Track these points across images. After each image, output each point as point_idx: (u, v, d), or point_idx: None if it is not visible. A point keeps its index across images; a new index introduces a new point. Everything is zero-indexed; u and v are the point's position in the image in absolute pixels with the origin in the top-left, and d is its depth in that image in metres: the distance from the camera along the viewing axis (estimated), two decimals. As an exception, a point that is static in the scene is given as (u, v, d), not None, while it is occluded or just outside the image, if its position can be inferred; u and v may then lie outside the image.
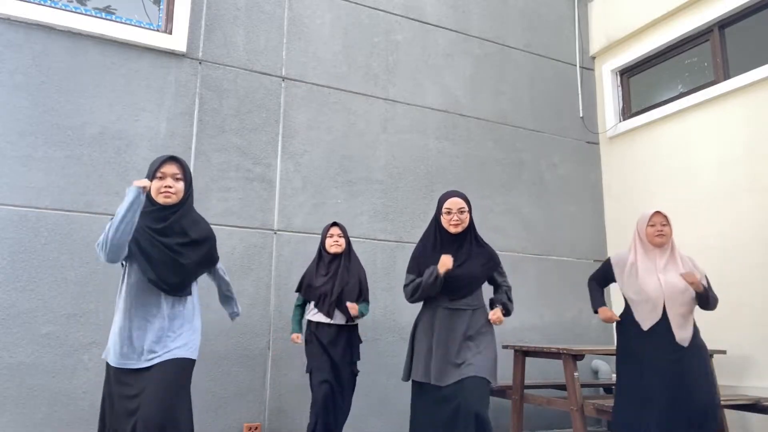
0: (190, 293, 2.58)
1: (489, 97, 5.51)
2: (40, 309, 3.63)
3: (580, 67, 6.05)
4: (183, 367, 2.44)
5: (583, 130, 5.92)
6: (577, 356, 3.92)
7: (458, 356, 2.97)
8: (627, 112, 5.84)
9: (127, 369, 2.39)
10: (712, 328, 4.53)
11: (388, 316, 4.63)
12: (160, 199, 2.46)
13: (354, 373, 3.71)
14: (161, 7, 4.40)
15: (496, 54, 5.66)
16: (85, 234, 3.81)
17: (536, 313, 5.25)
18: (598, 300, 3.58)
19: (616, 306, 5.53)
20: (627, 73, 5.92)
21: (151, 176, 2.46)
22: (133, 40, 4.16)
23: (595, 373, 5.32)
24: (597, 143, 5.97)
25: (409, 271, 3.24)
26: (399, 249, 4.79)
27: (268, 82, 4.59)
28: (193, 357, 2.52)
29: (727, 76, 4.87)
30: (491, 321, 3.07)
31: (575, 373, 3.89)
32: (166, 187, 2.45)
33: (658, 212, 3.40)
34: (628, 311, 3.41)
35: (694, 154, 4.98)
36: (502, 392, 4.35)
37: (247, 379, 4.10)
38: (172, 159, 2.50)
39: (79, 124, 3.93)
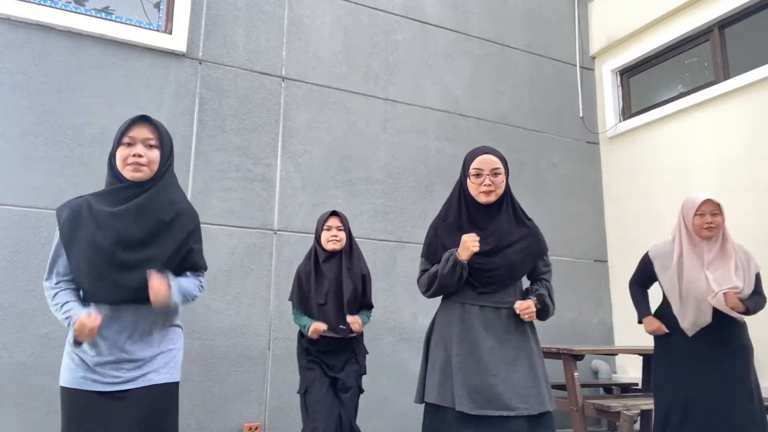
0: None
1: (489, 97, 5.51)
2: (40, 309, 3.63)
3: (580, 67, 6.05)
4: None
5: (583, 130, 5.92)
6: (577, 356, 3.93)
7: (496, 373, 2.16)
8: (627, 112, 5.84)
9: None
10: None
11: (388, 316, 4.63)
12: (127, 173, 1.87)
13: (361, 390, 3.08)
14: (161, 7, 4.40)
15: (496, 54, 5.66)
16: (85, 234, 3.80)
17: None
18: (642, 309, 3.17)
19: (616, 309, 5.55)
20: (627, 73, 5.92)
21: (117, 142, 1.90)
22: (132, 40, 4.16)
23: (595, 373, 5.32)
24: (597, 143, 5.97)
25: (423, 255, 2.47)
26: (399, 249, 4.79)
27: (268, 82, 4.59)
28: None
29: (727, 76, 4.87)
30: (517, 311, 2.22)
31: (575, 373, 3.89)
32: (134, 156, 1.85)
33: (709, 200, 2.90)
34: (666, 312, 3.05)
35: (694, 154, 4.98)
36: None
37: (247, 379, 4.10)
38: (144, 119, 1.93)
39: (79, 124, 3.93)
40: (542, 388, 2.22)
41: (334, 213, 3.13)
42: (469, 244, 2.20)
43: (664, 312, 3.09)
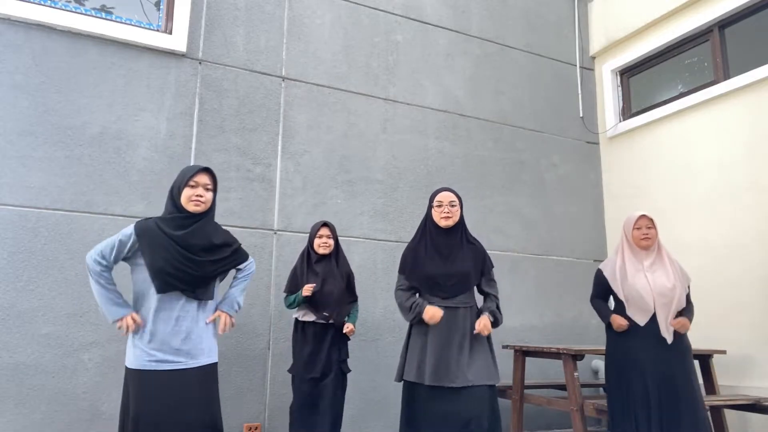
0: (211, 297, 2.62)
1: (489, 97, 5.51)
2: (40, 309, 3.63)
3: (580, 67, 6.05)
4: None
5: (583, 130, 5.92)
6: (577, 356, 3.93)
7: (458, 357, 2.89)
8: (627, 112, 5.84)
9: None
10: (712, 328, 4.54)
11: (388, 316, 4.63)
12: (190, 207, 2.53)
13: (344, 372, 3.64)
14: (161, 7, 4.40)
15: (496, 54, 5.66)
16: (85, 234, 3.81)
17: (536, 313, 5.25)
18: (605, 312, 3.62)
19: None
20: (627, 73, 5.92)
21: (184, 183, 2.53)
22: (132, 40, 4.16)
23: (595, 373, 5.32)
24: (597, 143, 5.97)
25: (400, 270, 3.18)
26: (399, 249, 4.76)
27: (268, 82, 4.59)
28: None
29: (727, 76, 4.87)
30: (477, 330, 2.93)
31: (575, 373, 3.89)
32: (197, 196, 2.53)
33: (643, 216, 3.48)
34: (619, 312, 3.52)
35: (694, 154, 4.98)
36: (502, 392, 4.35)
37: (247, 379, 4.10)
38: (206, 170, 2.58)
39: (79, 124, 3.93)
40: (492, 367, 2.97)
41: (325, 224, 3.74)
42: (437, 316, 2.90)
43: (619, 314, 3.55)
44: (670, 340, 3.32)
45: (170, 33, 4.31)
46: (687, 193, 4.98)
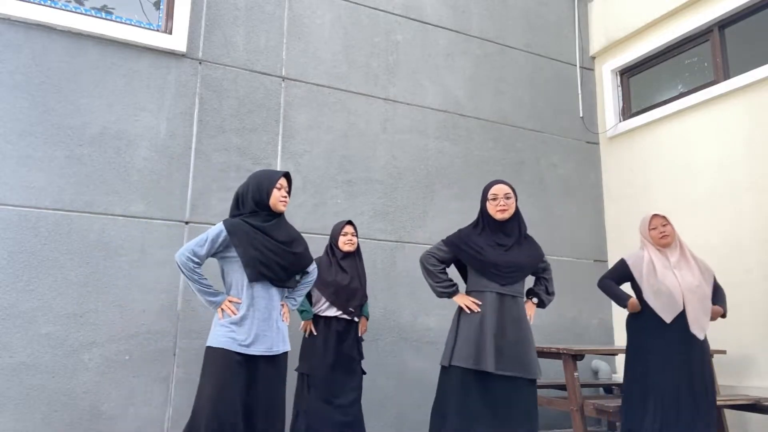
0: (294, 286, 2.91)
1: (489, 97, 5.51)
2: (40, 309, 3.63)
3: (580, 67, 6.05)
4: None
5: (583, 130, 5.92)
6: (577, 356, 3.93)
7: (515, 346, 2.90)
8: (627, 112, 5.84)
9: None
10: (712, 328, 4.53)
11: (388, 316, 4.63)
12: (279, 207, 2.80)
13: (362, 372, 3.72)
14: (161, 7, 4.40)
15: (496, 54, 5.66)
16: (85, 234, 3.81)
17: (536, 312, 5.23)
18: (621, 294, 3.58)
19: (616, 309, 5.54)
20: (627, 73, 5.92)
21: (273, 187, 2.78)
22: (132, 40, 4.16)
23: (595, 373, 5.32)
24: (597, 143, 5.97)
25: (445, 241, 3.13)
26: (399, 249, 4.79)
27: (268, 82, 4.59)
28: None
29: (727, 76, 4.87)
30: (531, 320, 3.07)
31: (575, 373, 3.89)
32: (283, 197, 2.82)
33: (656, 215, 3.52)
34: (644, 308, 3.48)
35: (695, 154, 4.98)
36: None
37: (247, 379, 4.09)
38: (288, 174, 2.87)
39: (79, 124, 3.93)
40: (535, 361, 2.99)
41: (350, 222, 3.83)
42: (470, 304, 2.98)
43: (642, 314, 3.52)
44: (702, 336, 3.34)
45: (170, 33, 4.31)
46: (687, 193, 4.98)
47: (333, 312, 3.62)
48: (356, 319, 3.69)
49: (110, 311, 3.79)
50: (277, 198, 2.78)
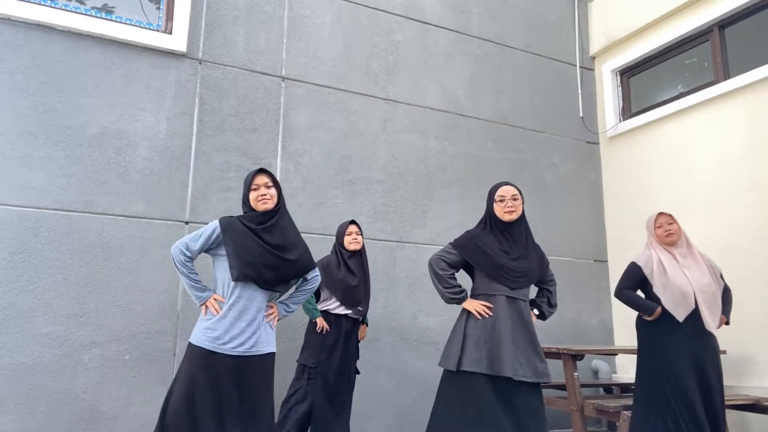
0: (284, 292, 2.84)
1: (489, 97, 5.51)
2: (40, 309, 3.63)
3: (580, 67, 6.05)
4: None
5: (583, 130, 5.92)
6: (577, 356, 3.93)
7: (525, 349, 2.83)
8: (627, 112, 5.84)
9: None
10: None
11: (388, 316, 4.63)
12: (260, 207, 2.74)
13: (357, 371, 3.81)
14: (161, 7, 4.39)
15: (496, 54, 5.66)
16: (85, 234, 3.81)
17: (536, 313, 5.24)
18: (646, 303, 3.49)
19: (616, 309, 5.54)
20: (627, 73, 5.92)
21: (247, 190, 2.76)
22: (132, 40, 4.16)
23: (595, 373, 5.32)
24: (597, 143, 5.97)
25: (453, 244, 3.05)
26: (399, 249, 4.79)
27: (268, 82, 4.59)
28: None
29: (727, 76, 4.87)
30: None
31: (575, 373, 3.89)
32: (261, 195, 2.74)
33: (661, 213, 3.52)
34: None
35: (694, 154, 4.98)
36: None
37: (247, 379, 4.10)
38: (262, 171, 2.78)
39: (79, 124, 3.93)
40: (544, 362, 2.92)
41: (353, 222, 3.88)
42: (481, 309, 2.90)
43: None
44: (715, 329, 3.36)
45: (170, 33, 4.31)
46: (687, 193, 4.98)
47: (342, 310, 3.70)
48: (361, 318, 3.79)
49: (110, 311, 3.79)
50: (254, 199, 2.75)
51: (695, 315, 3.34)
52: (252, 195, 2.74)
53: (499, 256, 2.92)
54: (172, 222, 4.07)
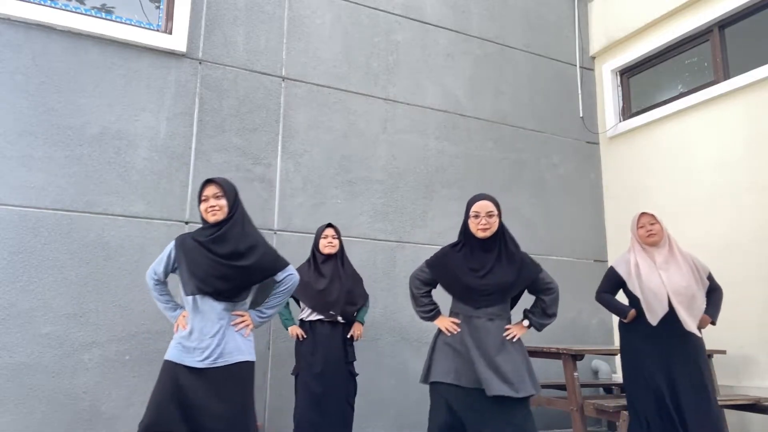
0: (242, 300, 2.78)
1: (489, 97, 5.51)
2: (40, 309, 3.63)
3: (580, 67, 6.05)
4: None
5: (583, 130, 5.92)
6: (577, 356, 3.93)
7: (498, 364, 2.75)
8: (627, 112, 5.84)
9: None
10: (712, 328, 4.53)
11: (388, 316, 4.63)
12: (210, 219, 2.73)
13: (352, 374, 3.71)
14: (161, 7, 4.40)
15: (496, 54, 5.66)
16: (85, 234, 3.81)
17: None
18: (621, 306, 3.55)
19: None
20: (627, 73, 5.92)
21: (198, 201, 2.77)
22: (132, 40, 4.16)
23: (595, 373, 5.32)
24: (597, 143, 5.97)
25: (428, 262, 3.04)
26: (399, 249, 4.79)
27: (268, 82, 4.59)
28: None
29: (727, 76, 4.87)
30: (505, 334, 2.85)
31: (575, 373, 3.89)
32: (210, 206, 2.73)
33: (644, 213, 3.49)
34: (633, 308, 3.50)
35: (694, 154, 4.98)
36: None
37: (247, 379, 4.10)
38: (210, 181, 2.77)
39: (79, 124, 3.93)
40: (528, 370, 2.84)
41: (330, 225, 3.82)
42: (449, 326, 2.91)
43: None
44: (694, 329, 3.30)
45: (170, 33, 4.31)
46: (687, 193, 4.97)
47: (315, 316, 3.64)
48: (341, 320, 3.66)
49: (110, 311, 3.79)
50: (204, 210, 2.75)
51: (672, 317, 3.31)
52: (202, 206, 2.74)
53: (466, 277, 2.88)
54: (172, 222, 4.07)
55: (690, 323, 3.30)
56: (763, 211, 4.40)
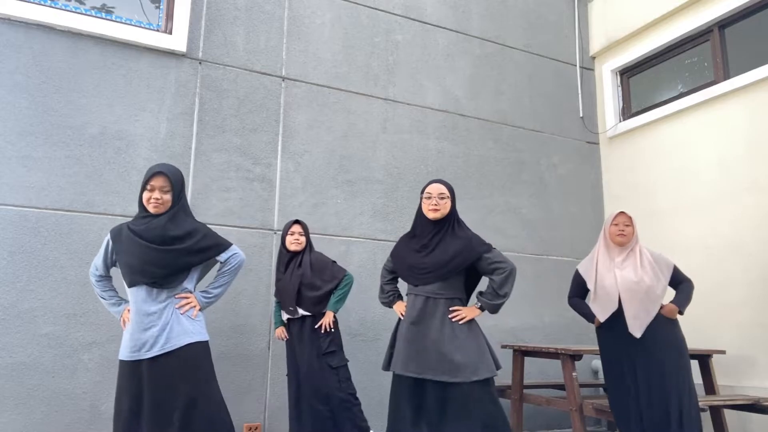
0: (177, 286, 2.73)
1: (489, 97, 5.51)
2: (40, 309, 3.63)
3: (580, 67, 6.05)
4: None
5: (583, 130, 5.92)
6: (576, 356, 3.93)
7: (433, 348, 2.82)
8: (627, 112, 5.84)
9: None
10: (712, 328, 4.55)
11: (388, 316, 4.62)
12: (150, 209, 2.70)
13: (332, 366, 3.58)
14: (161, 7, 4.40)
15: (496, 54, 5.66)
16: (85, 234, 3.81)
17: (535, 313, 5.25)
18: (588, 311, 3.59)
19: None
20: (627, 73, 5.92)
21: (142, 186, 2.70)
22: (132, 40, 4.16)
23: (595, 373, 5.32)
24: (597, 143, 5.97)
25: (391, 252, 3.24)
26: (399, 249, 4.79)
27: (268, 82, 4.59)
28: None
29: (727, 76, 4.87)
30: (451, 317, 2.87)
31: (574, 373, 3.89)
32: (154, 199, 2.69)
33: (622, 213, 3.50)
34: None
35: (695, 154, 4.98)
36: (501, 392, 4.35)
37: (247, 379, 4.10)
38: (161, 173, 2.70)
39: (79, 124, 3.93)
40: (480, 353, 2.86)
41: (297, 221, 3.80)
42: (401, 310, 3.08)
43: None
44: (638, 335, 3.27)
45: (170, 33, 4.31)
46: (687, 193, 4.98)
47: (286, 315, 3.72)
48: (304, 312, 3.59)
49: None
50: (146, 200, 2.71)
51: (620, 316, 3.33)
52: (145, 195, 2.70)
53: (410, 256, 3.00)
54: (172, 222, 4.07)
55: (635, 327, 3.28)
56: (763, 211, 4.40)
